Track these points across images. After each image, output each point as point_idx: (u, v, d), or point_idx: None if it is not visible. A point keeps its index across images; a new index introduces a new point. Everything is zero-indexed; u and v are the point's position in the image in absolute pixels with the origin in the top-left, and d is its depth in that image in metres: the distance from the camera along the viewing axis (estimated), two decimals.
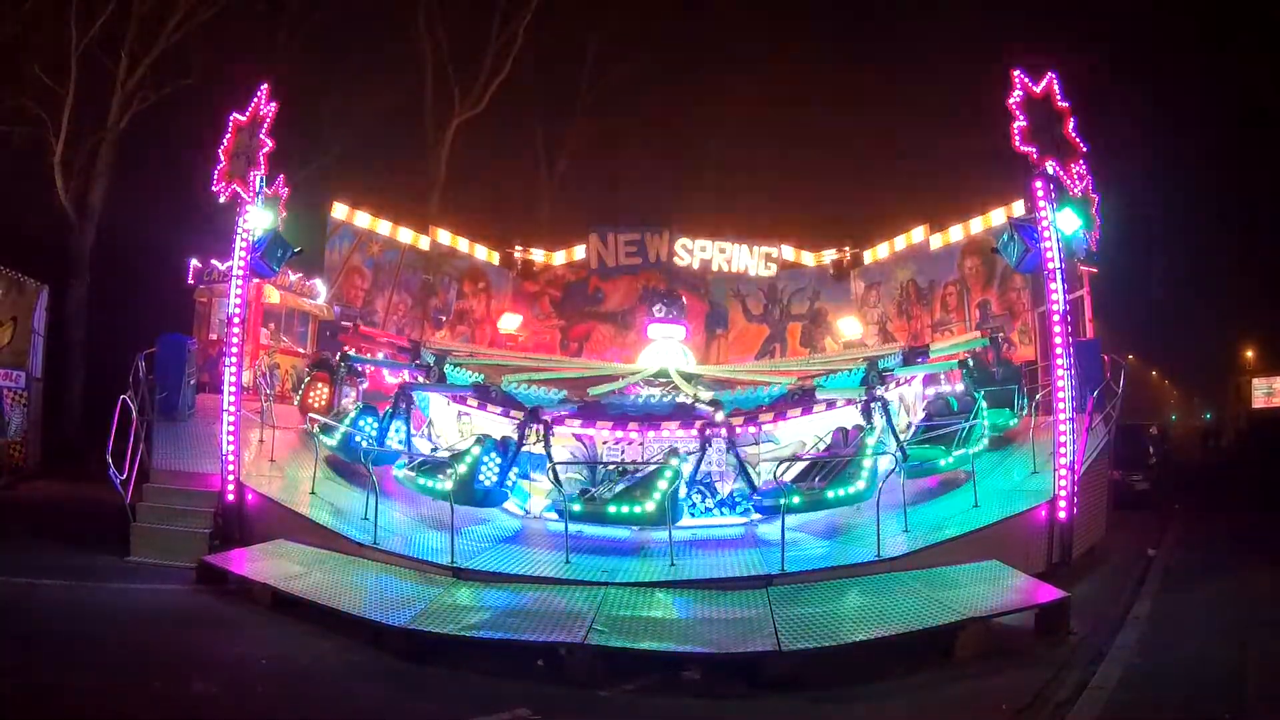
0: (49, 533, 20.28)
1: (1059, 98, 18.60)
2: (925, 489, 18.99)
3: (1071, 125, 18.47)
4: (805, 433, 20.67)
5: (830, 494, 17.68)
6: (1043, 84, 18.65)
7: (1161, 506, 27.30)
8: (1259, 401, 65.09)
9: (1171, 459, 39.14)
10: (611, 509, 17.79)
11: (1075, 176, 18.35)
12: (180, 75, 35.80)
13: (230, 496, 18.42)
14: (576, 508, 18.06)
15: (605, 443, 21.08)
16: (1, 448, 26.76)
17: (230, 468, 18.52)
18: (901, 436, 19.59)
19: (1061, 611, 13.92)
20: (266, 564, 16.44)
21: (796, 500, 17.46)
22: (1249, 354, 73.59)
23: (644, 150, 49.59)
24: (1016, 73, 18.64)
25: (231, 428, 18.72)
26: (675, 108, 48.99)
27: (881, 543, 15.70)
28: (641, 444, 20.80)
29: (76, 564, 17.39)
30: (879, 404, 20.09)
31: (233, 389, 19.10)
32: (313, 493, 19.04)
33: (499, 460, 19.52)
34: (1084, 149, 18.56)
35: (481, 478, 19.10)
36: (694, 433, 19.93)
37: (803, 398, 20.91)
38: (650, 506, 17.45)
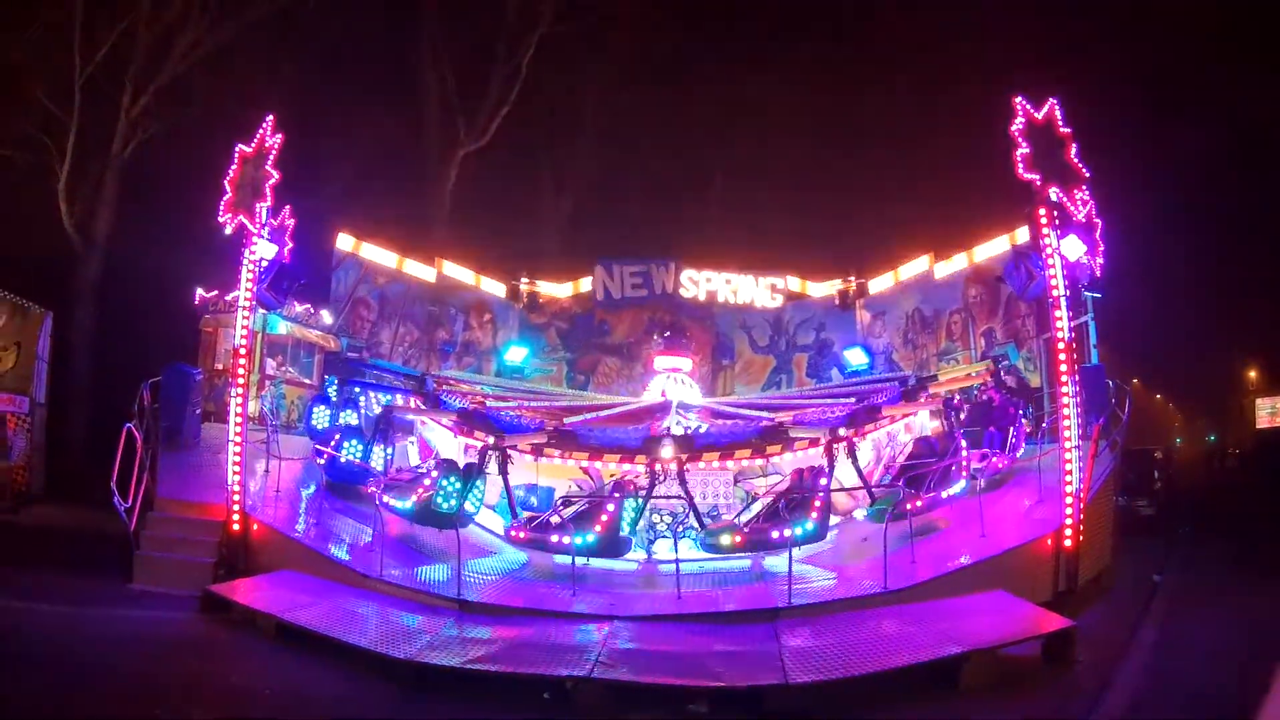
0: (51, 558, 20.30)
1: (1060, 124, 18.65)
2: (934, 520, 18.96)
3: (1073, 151, 18.51)
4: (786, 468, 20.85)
5: (775, 534, 17.93)
6: (1044, 110, 18.68)
7: (1167, 531, 27.22)
8: (1263, 421, 64.85)
9: (1176, 483, 39.08)
10: (554, 538, 18.25)
11: (1078, 203, 18.37)
12: (184, 105, 35.92)
13: (235, 526, 18.40)
14: (521, 535, 18.59)
15: (612, 475, 21.29)
16: (4, 472, 26.74)
17: (236, 497, 18.50)
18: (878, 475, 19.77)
19: (1068, 640, 13.86)
20: (271, 594, 16.44)
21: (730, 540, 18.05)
22: (1252, 374, 73.33)
23: (649, 181, 49.55)
24: (1018, 100, 18.66)
25: (237, 457, 18.71)
26: (679, 138, 49.04)
27: (888, 575, 15.69)
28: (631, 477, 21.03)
29: (78, 590, 17.35)
30: (842, 445, 20.25)
31: (239, 419, 19.12)
32: (318, 524, 19.14)
33: (458, 483, 19.87)
34: (1086, 175, 18.59)
35: (439, 499, 19.45)
36: (643, 469, 20.35)
37: (780, 435, 20.91)
38: (590, 538, 17.95)
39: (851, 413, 21.23)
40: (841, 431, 20.98)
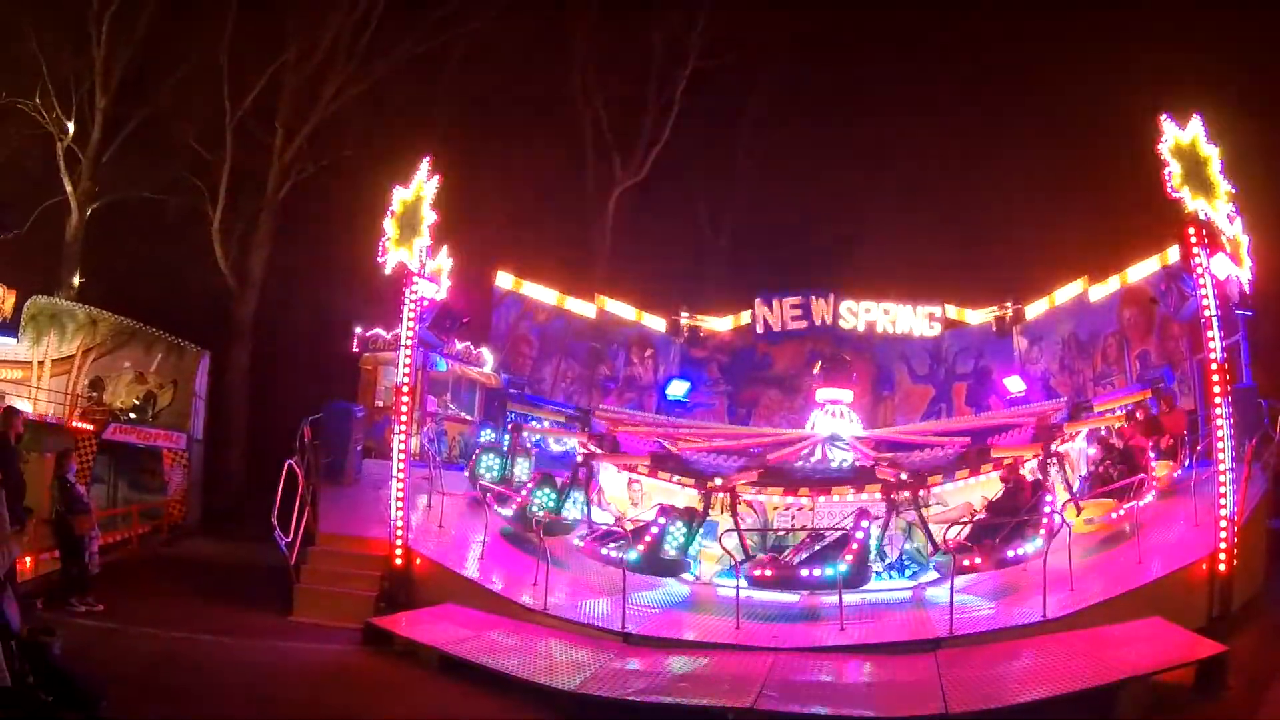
0: (210, 590, 20.75)
1: (1205, 140, 18.46)
2: (1091, 546, 18.72)
3: (1219, 168, 18.32)
4: (970, 495, 20.61)
5: (1010, 553, 17.65)
6: (1189, 128, 18.51)
7: None
8: None
9: None
10: (804, 573, 17.89)
11: (1227, 219, 18.20)
12: (337, 146, 36.77)
13: (398, 560, 18.66)
14: (767, 573, 18.17)
15: (775, 508, 21.22)
16: (161, 506, 27.57)
17: (399, 531, 18.77)
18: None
19: (1220, 667, 13.63)
20: (434, 627, 16.69)
21: (978, 560, 17.60)
22: None
23: (806, 213, 49.37)
24: (1164, 118, 18.53)
25: (401, 493, 19.00)
26: (834, 168, 48.90)
27: (1047, 603, 15.62)
28: (813, 509, 20.89)
29: (239, 622, 17.75)
30: (1054, 461, 20.05)
31: (401, 455, 19.43)
32: (481, 558, 19.38)
33: (685, 529, 19.79)
34: (1233, 190, 18.40)
35: (667, 547, 19.37)
36: (877, 496, 20.09)
37: (975, 458, 20.78)
38: (843, 568, 17.52)
39: (961, 452, 21.15)
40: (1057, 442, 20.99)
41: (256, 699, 13.50)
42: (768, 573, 18.18)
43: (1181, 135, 18.46)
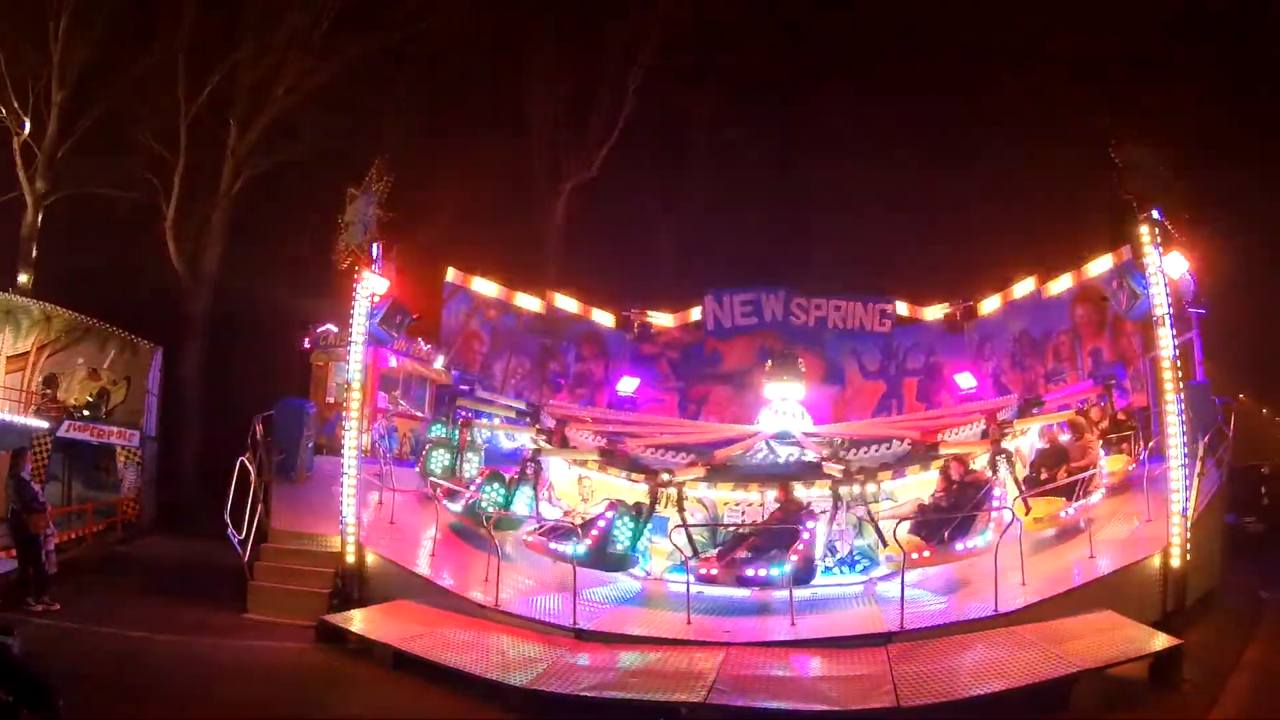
0: (166, 589, 20.77)
1: (1160, 140, 18.58)
2: (1043, 541, 18.81)
3: (1173, 167, 18.44)
4: (919, 491, 20.55)
5: (959, 546, 17.66)
6: (1143, 128, 18.64)
7: (1275, 547, 26.80)
8: None
9: None
10: (749, 571, 17.88)
11: (1180, 219, 18.31)
12: (290, 142, 36.58)
13: (350, 557, 18.63)
14: (712, 571, 18.15)
15: (726, 504, 21.21)
16: (116, 504, 27.40)
17: (350, 528, 18.74)
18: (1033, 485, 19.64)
19: (1175, 660, 13.75)
20: (387, 624, 16.67)
21: (926, 554, 17.67)
22: None
23: (758, 210, 49.48)
24: (1117, 119, 18.65)
25: (352, 490, 18.97)
26: (787, 166, 48.99)
27: (999, 597, 15.66)
28: (763, 504, 20.83)
29: (194, 620, 17.71)
30: (1003, 456, 20.13)
31: (353, 452, 19.40)
32: (433, 555, 19.32)
33: (632, 524, 19.78)
34: (1187, 191, 18.52)
35: (615, 542, 19.36)
36: (826, 492, 20.17)
37: (925, 454, 20.88)
38: (788, 566, 17.50)
39: (910, 449, 21.32)
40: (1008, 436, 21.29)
41: (214, 698, 13.48)
42: (714, 571, 18.19)
43: (1135, 135, 18.58)
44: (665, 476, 20.80)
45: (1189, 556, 16.74)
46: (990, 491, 18.60)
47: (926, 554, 17.66)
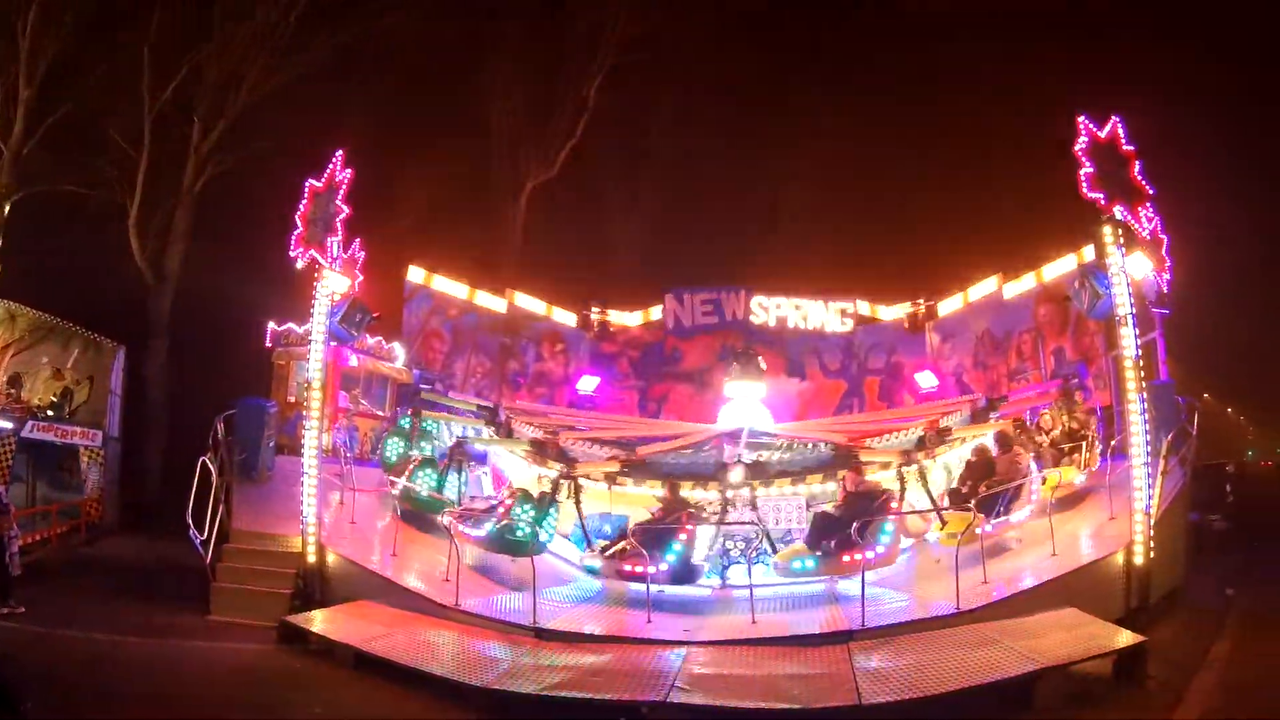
0: (130, 590, 20.68)
1: (1124, 141, 18.69)
2: (1005, 540, 18.93)
3: (1137, 169, 18.55)
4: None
5: (846, 558, 17.74)
6: (1108, 129, 18.75)
7: (1240, 545, 26.94)
8: None
9: (1250, 496, 38.54)
10: (627, 566, 18.14)
11: (1144, 220, 18.37)
12: (254, 139, 36.34)
13: (311, 557, 18.59)
14: (595, 563, 18.37)
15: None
16: (80, 505, 27.20)
17: (311, 528, 18.69)
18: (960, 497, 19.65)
19: (1139, 656, 13.76)
20: (349, 624, 16.62)
21: (810, 564, 17.85)
22: None
23: (720, 209, 49.56)
24: (1082, 119, 18.70)
25: (313, 490, 18.92)
26: (749, 165, 49.10)
27: (961, 595, 15.66)
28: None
29: (158, 622, 17.64)
30: (913, 469, 20.30)
31: (314, 452, 19.32)
32: (394, 554, 19.28)
33: (532, 511, 20.09)
34: (1151, 192, 18.60)
35: (517, 529, 19.54)
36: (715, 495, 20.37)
37: (847, 460, 20.92)
38: (662, 565, 17.85)
39: (922, 435, 21.31)
40: (919, 455, 21.16)
41: (179, 701, 13.41)
42: (598, 564, 18.64)
43: (1100, 135, 18.67)
44: (563, 468, 21.20)
45: (1152, 554, 16.82)
46: (887, 502, 18.84)
47: (845, 559, 17.70)
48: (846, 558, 17.66)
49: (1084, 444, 21.73)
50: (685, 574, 18.56)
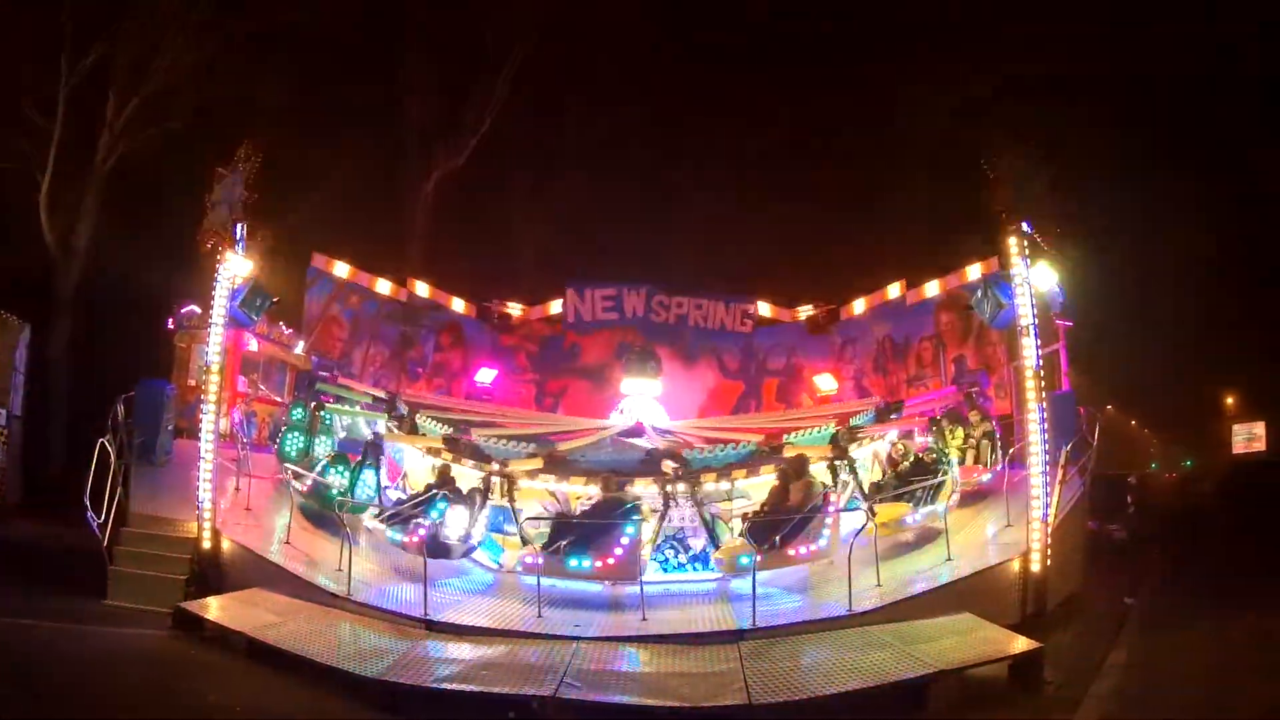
0: (27, 573, 20.21)
1: (1034, 156, 18.87)
2: (900, 543, 19.10)
3: (1047, 182, 18.74)
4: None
5: (790, 552, 17.76)
6: (1019, 142, 18.93)
7: (1140, 555, 27.29)
8: (1239, 447, 64.52)
9: (1150, 507, 39.11)
10: (572, 563, 17.85)
11: (1050, 233, 18.59)
12: (166, 119, 35.87)
13: (207, 544, 18.43)
14: (539, 561, 18.09)
15: (578, 498, 21.02)
16: None
17: (207, 515, 18.53)
18: (878, 491, 19.71)
19: (1035, 662, 13.95)
20: (242, 612, 16.42)
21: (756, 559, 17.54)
22: (1229, 400, 72.97)
23: (624, 205, 49.61)
24: (993, 131, 18.91)
25: (208, 475, 18.75)
26: (655, 163, 49.21)
27: (853, 597, 15.80)
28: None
29: (54, 606, 17.32)
30: (845, 463, 20.29)
31: (210, 436, 19.15)
32: (288, 542, 19.15)
33: (463, 512, 19.70)
34: (1059, 207, 18.83)
35: (445, 530, 19.19)
36: (657, 490, 20.12)
37: (771, 455, 20.92)
38: (611, 561, 17.64)
39: (835, 432, 21.40)
40: (858, 443, 21.39)
41: (65, 687, 13.20)
42: (539, 561, 18.08)
43: (1010, 147, 18.87)
44: (496, 466, 20.83)
45: (1049, 561, 17.02)
46: (826, 496, 18.73)
47: (759, 557, 17.49)
48: (792, 551, 17.67)
49: (990, 444, 21.95)
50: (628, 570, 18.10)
